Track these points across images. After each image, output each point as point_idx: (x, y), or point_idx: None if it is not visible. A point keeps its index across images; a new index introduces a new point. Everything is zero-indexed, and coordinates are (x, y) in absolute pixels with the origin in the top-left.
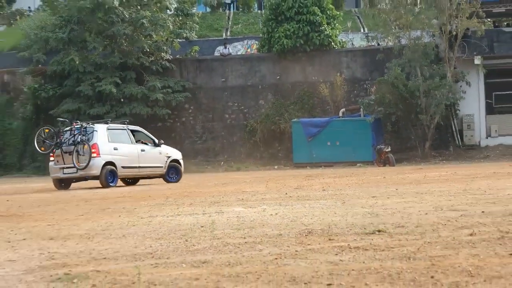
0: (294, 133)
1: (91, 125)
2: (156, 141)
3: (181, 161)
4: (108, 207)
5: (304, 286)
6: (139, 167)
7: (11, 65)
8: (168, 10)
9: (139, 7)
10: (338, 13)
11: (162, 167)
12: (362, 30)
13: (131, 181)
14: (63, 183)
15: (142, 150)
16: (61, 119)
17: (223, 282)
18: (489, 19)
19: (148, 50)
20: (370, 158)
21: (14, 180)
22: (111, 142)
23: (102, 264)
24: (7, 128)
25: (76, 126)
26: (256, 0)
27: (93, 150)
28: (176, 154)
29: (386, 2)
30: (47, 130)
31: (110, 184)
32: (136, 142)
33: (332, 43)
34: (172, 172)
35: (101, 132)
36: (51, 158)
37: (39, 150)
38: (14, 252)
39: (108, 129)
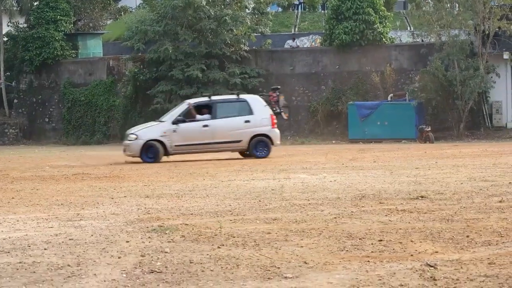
0: (349, 114)
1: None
2: None
3: None
4: (194, 172)
5: (359, 241)
6: None
7: (116, 53)
8: (246, 9)
9: (222, 6)
10: (388, 13)
11: None
12: (408, 29)
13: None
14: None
15: None
16: (275, 86)
17: (291, 236)
18: None
19: (229, 42)
20: (413, 136)
21: (117, 147)
22: None
23: (189, 219)
24: (112, 104)
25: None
26: (320, 1)
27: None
28: None
29: (430, 5)
30: (282, 97)
31: None
32: None
33: (383, 39)
34: None
35: None
36: None
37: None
38: (117, 207)
39: None
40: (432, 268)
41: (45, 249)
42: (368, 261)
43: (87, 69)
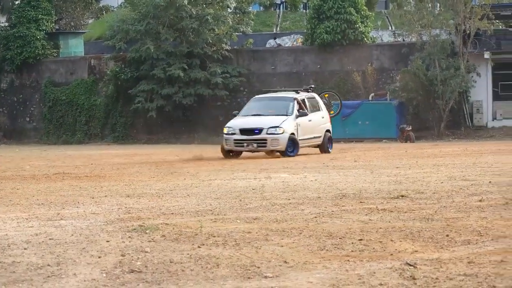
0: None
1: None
2: None
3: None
4: (175, 171)
5: (339, 240)
6: None
7: (97, 52)
8: (228, 9)
9: (204, 5)
10: (370, 13)
11: None
12: (390, 28)
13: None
14: None
15: None
16: (309, 86)
17: (271, 236)
18: (497, 21)
19: (211, 41)
20: (394, 136)
21: (98, 147)
22: None
23: (170, 218)
24: (93, 103)
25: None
26: (302, 1)
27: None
28: None
29: (411, 4)
30: (326, 95)
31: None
32: None
33: (365, 39)
34: None
35: None
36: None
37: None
38: (97, 206)
39: None
40: (412, 267)
41: (25, 248)
42: (348, 260)
43: (68, 68)
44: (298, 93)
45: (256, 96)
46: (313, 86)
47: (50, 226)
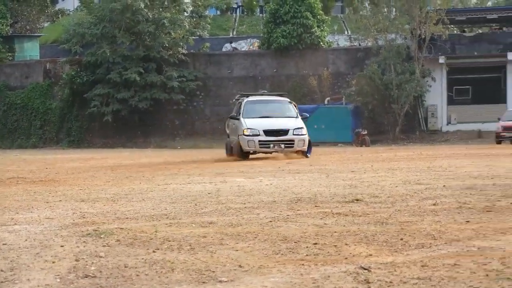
0: None
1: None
2: None
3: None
4: (130, 175)
5: (294, 244)
6: None
7: (53, 55)
8: (185, 12)
9: (161, 9)
10: (326, 18)
11: None
12: (346, 33)
13: None
14: None
15: None
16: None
17: (226, 240)
18: (452, 26)
19: (167, 45)
20: (350, 140)
21: (53, 151)
22: None
23: (125, 223)
24: (48, 107)
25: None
26: (258, 5)
27: None
28: None
29: (367, 9)
30: None
31: None
32: None
33: (321, 43)
34: None
35: None
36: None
37: None
38: (52, 211)
39: None
40: (366, 271)
41: None
42: (303, 265)
43: (23, 72)
44: (283, 96)
45: (249, 99)
46: (265, 91)
47: (4, 231)
